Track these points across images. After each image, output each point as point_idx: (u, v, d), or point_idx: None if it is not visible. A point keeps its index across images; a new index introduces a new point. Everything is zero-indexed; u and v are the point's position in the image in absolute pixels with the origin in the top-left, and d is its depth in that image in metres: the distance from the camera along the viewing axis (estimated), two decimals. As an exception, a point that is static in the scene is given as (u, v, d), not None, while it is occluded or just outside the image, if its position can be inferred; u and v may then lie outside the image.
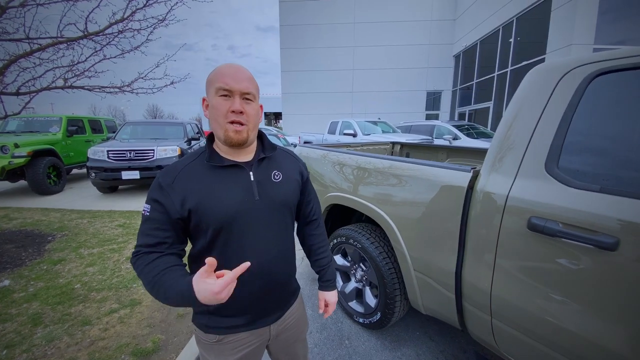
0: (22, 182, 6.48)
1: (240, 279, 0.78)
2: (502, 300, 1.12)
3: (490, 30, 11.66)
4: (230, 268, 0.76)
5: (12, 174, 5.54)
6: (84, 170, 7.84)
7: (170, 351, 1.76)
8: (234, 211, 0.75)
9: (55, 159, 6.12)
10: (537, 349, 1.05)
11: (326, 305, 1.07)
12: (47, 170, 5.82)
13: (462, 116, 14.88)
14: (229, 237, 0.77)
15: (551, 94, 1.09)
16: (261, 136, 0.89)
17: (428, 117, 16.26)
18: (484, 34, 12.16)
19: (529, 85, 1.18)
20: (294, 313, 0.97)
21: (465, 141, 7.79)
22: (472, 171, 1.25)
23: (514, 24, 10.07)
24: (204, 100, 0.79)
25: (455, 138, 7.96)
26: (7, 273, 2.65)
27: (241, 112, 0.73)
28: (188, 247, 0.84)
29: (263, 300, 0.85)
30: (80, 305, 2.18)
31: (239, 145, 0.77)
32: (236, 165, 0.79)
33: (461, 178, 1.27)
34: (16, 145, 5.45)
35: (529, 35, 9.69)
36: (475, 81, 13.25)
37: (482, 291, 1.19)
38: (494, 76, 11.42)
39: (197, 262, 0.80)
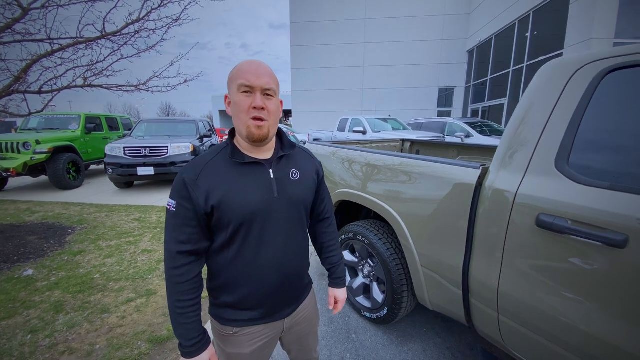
0: (43, 177, 6.76)
1: (257, 273, 0.82)
2: (509, 296, 1.13)
3: (506, 24, 11.35)
4: (248, 262, 0.81)
5: (34, 169, 5.77)
6: (102, 167, 8.09)
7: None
8: (254, 208, 0.78)
9: (75, 155, 6.34)
10: (543, 345, 1.05)
11: (336, 302, 1.09)
12: (67, 166, 6.04)
13: (475, 113, 14.57)
14: (249, 233, 0.79)
15: (563, 91, 1.08)
16: (280, 134, 0.91)
17: (440, 114, 16.00)
18: (500, 28, 11.84)
19: (541, 82, 1.17)
20: (307, 307, 1.00)
21: (477, 139, 7.65)
22: (481, 168, 1.25)
23: (531, 17, 9.77)
24: (226, 97, 0.81)
25: (468, 136, 7.83)
26: (31, 263, 2.80)
27: (263, 108, 0.75)
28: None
29: (278, 294, 0.87)
30: (100, 294, 2.28)
31: (261, 140, 0.78)
32: (257, 163, 0.81)
33: (470, 175, 1.26)
34: (37, 142, 5.68)
35: (546, 29, 9.39)
36: (489, 77, 12.95)
37: (489, 287, 1.19)
38: (509, 72, 11.13)
39: (216, 256, 0.82)
